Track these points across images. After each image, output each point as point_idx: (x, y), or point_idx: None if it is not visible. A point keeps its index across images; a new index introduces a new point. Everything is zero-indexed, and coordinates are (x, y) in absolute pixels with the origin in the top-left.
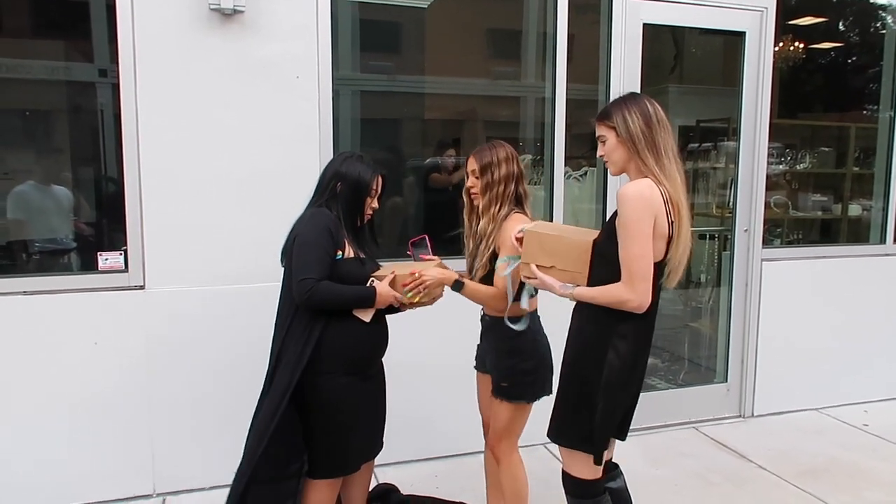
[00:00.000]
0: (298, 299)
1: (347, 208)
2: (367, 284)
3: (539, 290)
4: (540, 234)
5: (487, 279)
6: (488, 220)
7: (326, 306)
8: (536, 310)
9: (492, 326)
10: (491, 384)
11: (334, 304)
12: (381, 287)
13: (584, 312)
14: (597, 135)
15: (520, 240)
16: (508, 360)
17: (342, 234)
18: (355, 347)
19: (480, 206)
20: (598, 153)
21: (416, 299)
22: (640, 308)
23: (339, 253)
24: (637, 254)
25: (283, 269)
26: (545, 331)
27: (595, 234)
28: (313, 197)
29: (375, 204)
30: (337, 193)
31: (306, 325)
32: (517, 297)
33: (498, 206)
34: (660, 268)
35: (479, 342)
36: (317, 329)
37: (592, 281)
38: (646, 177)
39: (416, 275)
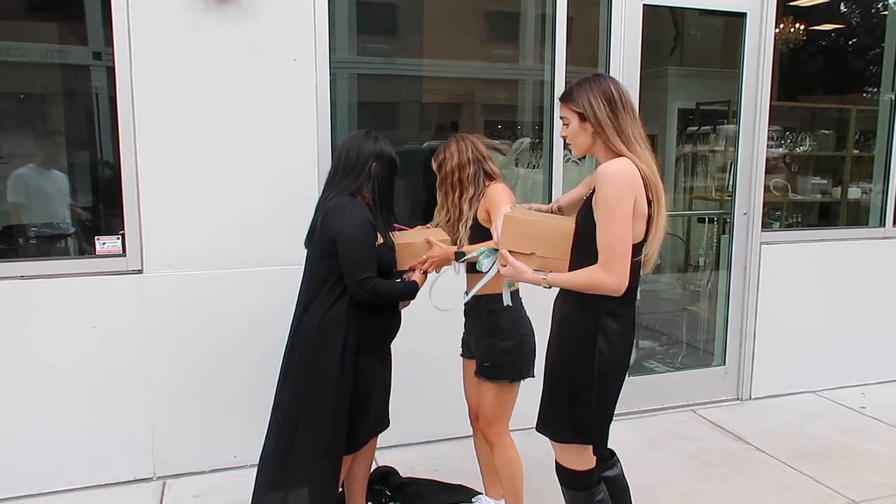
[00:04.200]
0: (359, 297)
1: (385, 188)
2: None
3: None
4: (519, 218)
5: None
6: (447, 211)
7: (381, 302)
8: (518, 290)
9: (472, 308)
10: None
11: (388, 300)
12: (417, 277)
13: (567, 304)
14: (560, 115)
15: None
16: (488, 340)
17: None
18: (380, 327)
19: (438, 200)
20: (561, 134)
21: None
22: (617, 291)
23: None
24: (617, 234)
25: (305, 252)
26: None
27: (574, 220)
28: (343, 175)
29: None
30: (373, 173)
31: (340, 308)
32: (475, 270)
33: (456, 194)
34: (639, 249)
35: (464, 329)
36: (353, 313)
37: (573, 267)
38: (621, 156)
39: (424, 256)
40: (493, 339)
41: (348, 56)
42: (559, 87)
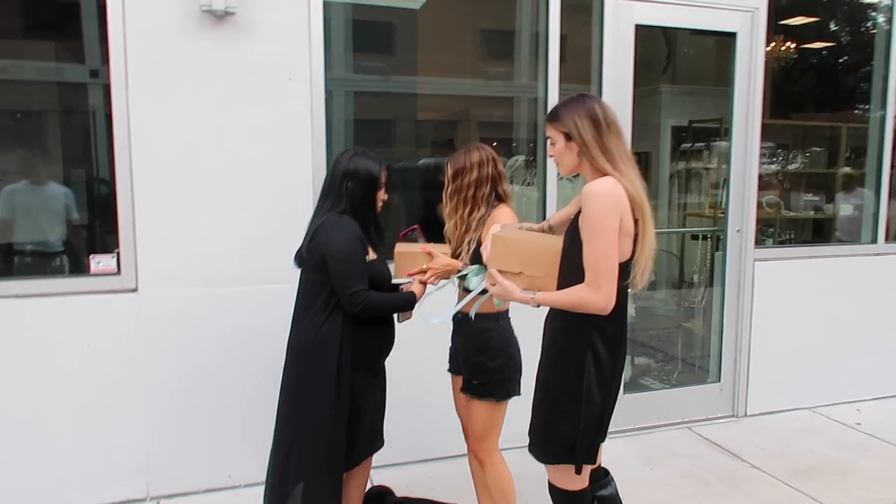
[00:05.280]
0: (351, 311)
1: (359, 205)
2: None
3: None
4: (507, 238)
5: None
6: (455, 224)
7: (375, 314)
8: (508, 311)
9: (463, 324)
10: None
11: (383, 312)
12: (416, 288)
13: (556, 323)
14: (546, 135)
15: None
16: (476, 358)
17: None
18: (374, 344)
19: (446, 211)
20: (549, 154)
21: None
22: (604, 310)
23: (366, 257)
24: (603, 253)
25: (298, 271)
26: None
27: (562, 239)
28: (324, 198)
29: (385, 196)
30: (348, 191)
31: (334, 325)
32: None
33: (467, 209)
34: (626, 268)
35: (450, 344)
36: (348, 329)
37: (561, 285)
38: (607, 175)
39: (425, 266)
40: (481, 357)
41: (344, 74)
42: (553, 105)
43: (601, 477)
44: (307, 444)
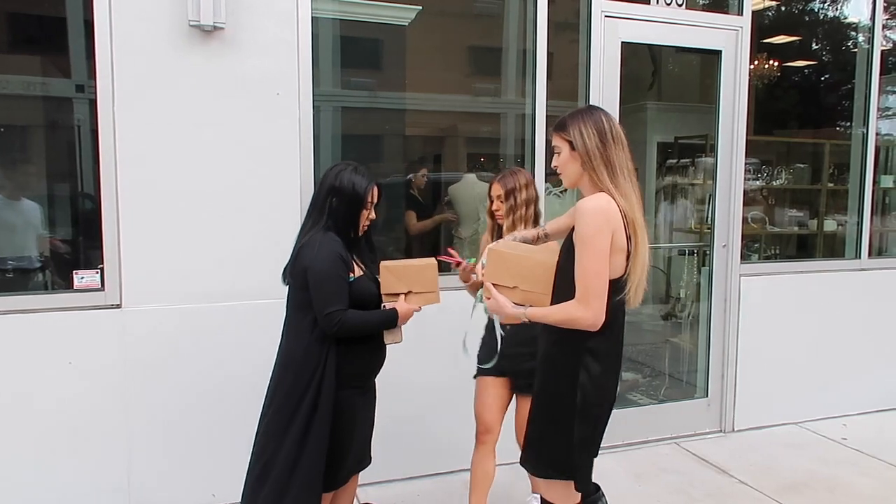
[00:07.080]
0: (328, 331)
1: (343, 222)
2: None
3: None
4: (503, 252)
5: None
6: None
7: (355, 334)
8: None
9: (519, 329)
10: (508, 386)
11: (362, 332)
12: (399, 306)
13: (549, 336)
14: (552, 144)
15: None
16: (532, 361)
17: (350, 255)
18: (363, 361)
19: (504, 227)
20: (553, 164)
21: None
22: (593, 326)
23: (351, 275)
24: (593, 270)
25: (286, 288)
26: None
27: (557, 254)
28: (309, 213)
29: (373, 215)
30: (331, 208)
31: (323, 342)
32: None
33: (523, 228)
34: (620, 284)
35: (480, 346)
36: (335, 347)
37: (556, 300)
38: (602, 192)
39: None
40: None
41: (332, 89)
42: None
43: (592, 492)
44: (286, 464)
